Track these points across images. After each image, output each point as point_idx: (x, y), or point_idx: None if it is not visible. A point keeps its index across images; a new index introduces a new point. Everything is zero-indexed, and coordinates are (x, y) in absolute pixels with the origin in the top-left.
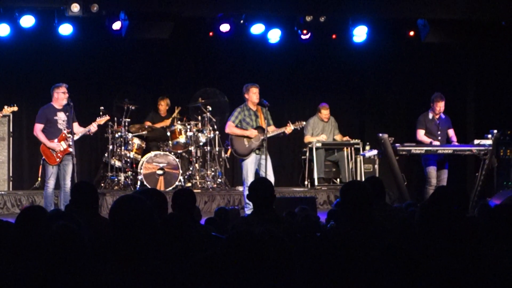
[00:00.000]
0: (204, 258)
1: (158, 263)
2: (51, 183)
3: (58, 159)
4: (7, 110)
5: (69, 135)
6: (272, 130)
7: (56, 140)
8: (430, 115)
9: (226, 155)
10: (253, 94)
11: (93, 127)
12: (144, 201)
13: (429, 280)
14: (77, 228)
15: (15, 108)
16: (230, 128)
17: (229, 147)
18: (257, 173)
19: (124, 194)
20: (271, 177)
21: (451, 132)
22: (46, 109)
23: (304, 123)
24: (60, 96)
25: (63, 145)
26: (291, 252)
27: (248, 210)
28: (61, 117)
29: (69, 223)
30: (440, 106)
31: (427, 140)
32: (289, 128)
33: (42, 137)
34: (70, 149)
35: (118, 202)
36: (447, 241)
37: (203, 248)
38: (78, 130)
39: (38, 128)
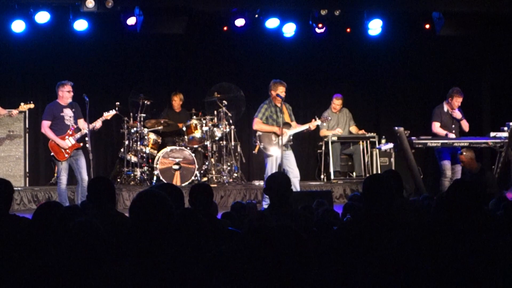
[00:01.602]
0: (221, 253)
1: (175, 258)
2: (63, 179)
3: (67, 155)
4: (24, 107)
5: (85, 131)
6: (296, 126)
7: (67, 136)
8: (445, 108)
9: (254, 152)
10: (280, 93)
11: (98, 124)
12: (164, 197)
13: (446, 273)
14: (97, 224)
15: (32, 105)
16: (258, 124)
17: (256, 144)
18: (280, 166)
19: (145, 189)
20: (296, 172)
21: (463, 123)
22: (52, 106)
23: (330, 118)
24: (65, 95)
25: (71, 141)
26: (308, 246)
27: (266, 204)
28: (68, 113)
29: (90, 219)
30: (459, 101)
31: (442, 132)
32: (314, 123)
33: (50, 134)
34: (87, 145)
35: (140, 197)
36: (464, 233)
37: (220, 243)
38: (84, 126)
39: (46, 125)
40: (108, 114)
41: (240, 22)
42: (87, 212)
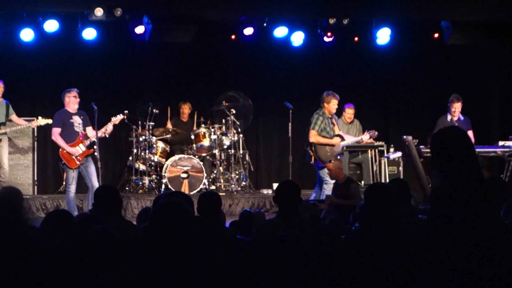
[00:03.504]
0: (229, 261)
1: (187, 265)
2: (72, 188)
3: (78, 162)
4: (40, 122)
5: (93, 139)
6: (348, 138)
7: (77, 143)
8: (449, 117)
9: (311, 162)
10: (333, 106)
11: (109, 128)
12: (186, 207)
13: (452, 282)
14: (112, 233)
15: (49, 121)
16: (315, 137)
17: (312, 155)
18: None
19: (168, 199)
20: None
21: (470, 134)
22: (61, 113)
23: (376, 133)
24: (72, 100)
25: (81, 148)
26: (315, 255)
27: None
28: (77, 120)
29: (106, 228)
30: (456, 107)
31: None
32: (366, 136)
33: (60, 141)
34: (95, 153)
35: (164, 207)
36: (467, 243)
37: (228, 251)
38: (92, 134)
39: (56, 132)
40: (116, 119)
41: (248, 31)
42: (98, 219)
